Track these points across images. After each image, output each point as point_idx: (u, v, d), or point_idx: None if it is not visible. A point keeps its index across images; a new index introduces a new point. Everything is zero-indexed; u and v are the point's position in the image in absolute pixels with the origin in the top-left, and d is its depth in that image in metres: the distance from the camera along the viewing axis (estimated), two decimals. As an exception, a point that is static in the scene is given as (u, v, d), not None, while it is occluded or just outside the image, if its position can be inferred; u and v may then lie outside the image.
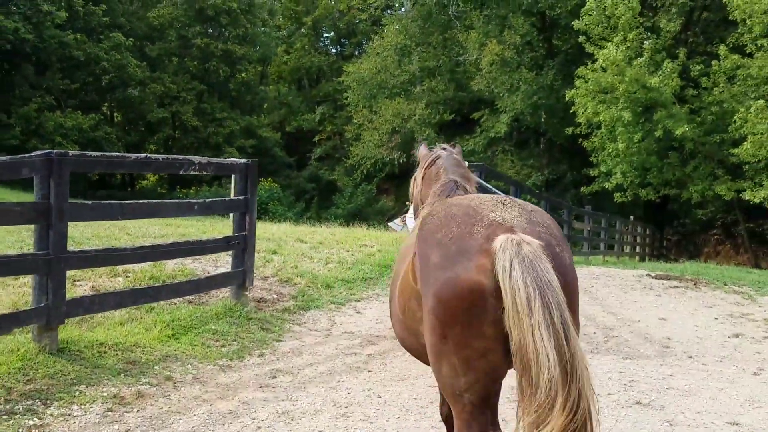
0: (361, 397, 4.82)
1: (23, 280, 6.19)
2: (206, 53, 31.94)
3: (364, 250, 10.07)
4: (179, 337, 5.67)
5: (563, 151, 27.82)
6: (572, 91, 20.51)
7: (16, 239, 7.67)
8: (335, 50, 43.35)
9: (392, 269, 3.34)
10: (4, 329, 4.57)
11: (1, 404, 4.04)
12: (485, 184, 5.04)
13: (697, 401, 4.88)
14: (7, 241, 7.56)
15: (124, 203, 5.59)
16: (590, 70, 19.74)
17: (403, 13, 32.04)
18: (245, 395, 4.71)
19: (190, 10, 32.24)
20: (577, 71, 20.49)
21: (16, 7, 25.11)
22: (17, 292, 6.01)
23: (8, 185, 19.25)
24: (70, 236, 4.93)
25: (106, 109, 31.74)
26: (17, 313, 4.75)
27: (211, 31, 33.58)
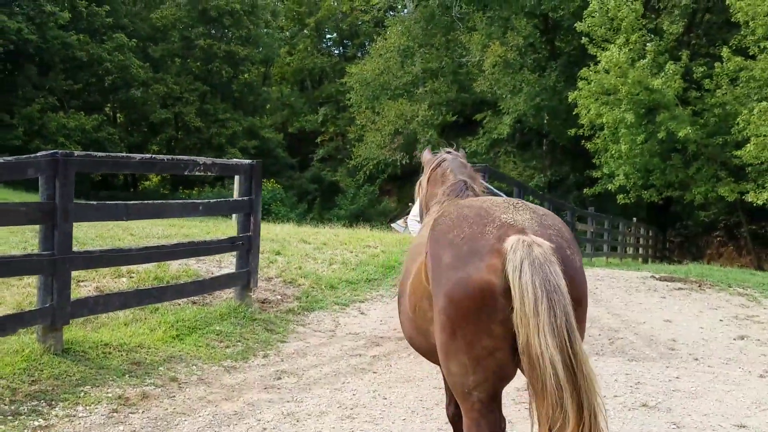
0: (366, 398, 4.81)
1: (27, 280, 6.18)
2: (209, 54, 31.97)
3: (367, 251, 10.04)
4: (184, 338, 5.66)
5: (566, 152, 27.80)
6: (575, 92, 20.51)
7: (19, 239, 7.67)
8: (338, 51, 43.39)
9: (401, 267, 3.36)
10: (8, 330, 4.57)
11: (6, 405, 4.04)
12: (491, 187, 5.04)
13: (703, 403, 4.86)
14: (11, 241, 7.55)
15: (129, 204, 5.58)
16: (593, 71, 19.73)
17: (406, 14, 32.02)
18: (250, 396, 4.70)
19: (193, 11, 32.27)
20: (579, 73, 20.48)
21: (19, 7, 25.12)
22: (21, 292, 6.01)
23: (11, 186, 19.27)
24: (73, 237, 4.92)
25: (108, 109, 31.79)
26: (22, 313, 4.75)
27: (214, 32, 33.60)
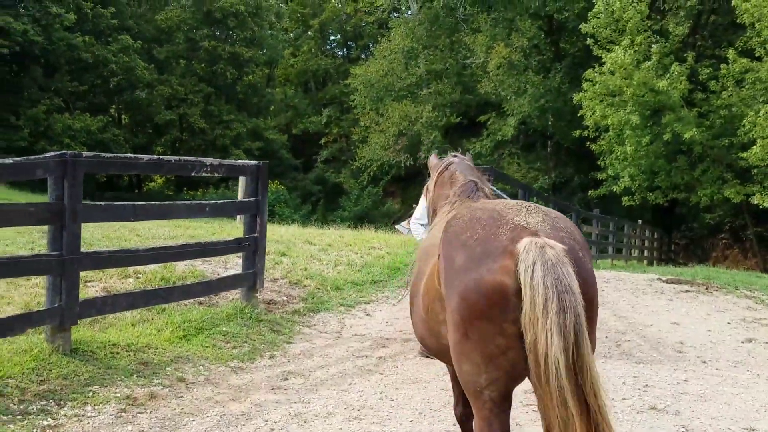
0: (373, 399, 4.80)
1: (35, 280, 6.20)
2: (213, 56, 32.06)
3: (372, 252, 10.04)
4: (190, 338, 5.66)
5: (570, 154, 27.76)
6: (580, 94, 20.46)
7: (27, 240, 7.68)
8: (342, 53, 43.42)
9: (410, 268, 3.39)
10: (17, 330, 4.58)
11: (15, 404, 4.05)
12: (497, 191, 5.06)
13: (712, 406, 4.84)
14: (18, 241, 7.57)
15: (136, 204, 5.59)
16: (598, 73, 19.68)
17: (410, 16, 32.04)
18: (257, 397, 4.70)
19: (197, 12, 32.38)
20: (584, 74, 20.44)
21: (25, 9, 25.24)
22: (29, 292, 6.02)
23: (17, 187, 19.35)
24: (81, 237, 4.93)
25: (114, 111, 31.91)
26: (30, 313, 4.76)
27: (218, 33, 33.71)
